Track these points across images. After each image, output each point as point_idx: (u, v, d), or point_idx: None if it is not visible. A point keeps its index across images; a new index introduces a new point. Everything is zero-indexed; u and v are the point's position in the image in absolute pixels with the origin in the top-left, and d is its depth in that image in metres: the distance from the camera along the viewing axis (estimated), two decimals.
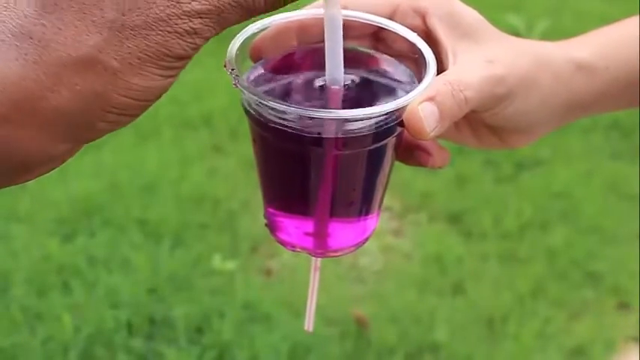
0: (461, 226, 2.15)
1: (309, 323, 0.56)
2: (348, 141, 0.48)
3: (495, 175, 2.34)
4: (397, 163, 0.54)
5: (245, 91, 0.47)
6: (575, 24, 3.08)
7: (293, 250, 0.53)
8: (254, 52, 0.52)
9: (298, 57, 0.53)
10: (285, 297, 1.85)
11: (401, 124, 0.48)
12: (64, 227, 2.03)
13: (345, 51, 0.54)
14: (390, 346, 1.77)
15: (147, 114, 0.40)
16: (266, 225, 0.54)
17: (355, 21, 0.53)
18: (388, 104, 0.47)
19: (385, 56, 0.54)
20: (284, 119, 0.47)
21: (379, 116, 0.47)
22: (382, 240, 2.06)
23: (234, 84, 0.48)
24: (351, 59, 0.51)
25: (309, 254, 0.53)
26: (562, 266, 2.02)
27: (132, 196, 2.13)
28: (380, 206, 0.53)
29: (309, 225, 0.52)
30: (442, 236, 2.10)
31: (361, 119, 0.47)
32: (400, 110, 0.48)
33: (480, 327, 1.84)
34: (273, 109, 0.46)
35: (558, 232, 2.11)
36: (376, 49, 0.54)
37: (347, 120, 0.47)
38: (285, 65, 0.52)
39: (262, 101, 0.47)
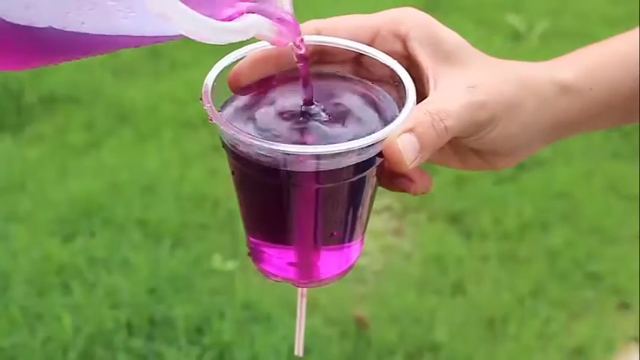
0: (461, 226, 2.15)
1: (298, 348, 0.56)
2: (327, 175, 0.47)
3: (495, 175, 2.34)
4: None
5: (221, 126, 0.47)
6: (575, 24, 3.07)
7: (276, 281, 0.53)
8: (232, 82, 0.51)
9: (276, 86, 0.52)
10: (285, 297, 1.84)
11: (381, 154, 0.48)
12: (64, 227, 2.03)
13: (325, 76, 0.53)
14: (390, 347, 1.77)
15: (147, 114, 0.40)
16: (249, 254, 0.53)
17: (336, 47, 0.52)
18: (366, 138, 0.46)
19: (366, 82, 0.53)
20: (261, 154, 0.46)
21: (357, 150, 0.46)
22: (382, 240, 2.06)
23: (210, 119, 0.47)
24: (332, 85, 0.51)
25: (293, 284, 0.53)
26: (562, 266, 2.02)
27: (132, 196, 2.12)
28: (364, 232, 0.53)
29: (291, 255, 0.51)
30: (442, 236, 2.09)
31: (339, 154, 0.46)
32: (380, 142, 0.47)
33: (480, 327, 1.83)
34: (249, 144, 0.46)
35: (558, 233, 2.11)
36: (357, 74, 0.54)
37: (325, 155, 0.46)
38: (263, 95, 0.52)
39: (239, 137, 0.46)
